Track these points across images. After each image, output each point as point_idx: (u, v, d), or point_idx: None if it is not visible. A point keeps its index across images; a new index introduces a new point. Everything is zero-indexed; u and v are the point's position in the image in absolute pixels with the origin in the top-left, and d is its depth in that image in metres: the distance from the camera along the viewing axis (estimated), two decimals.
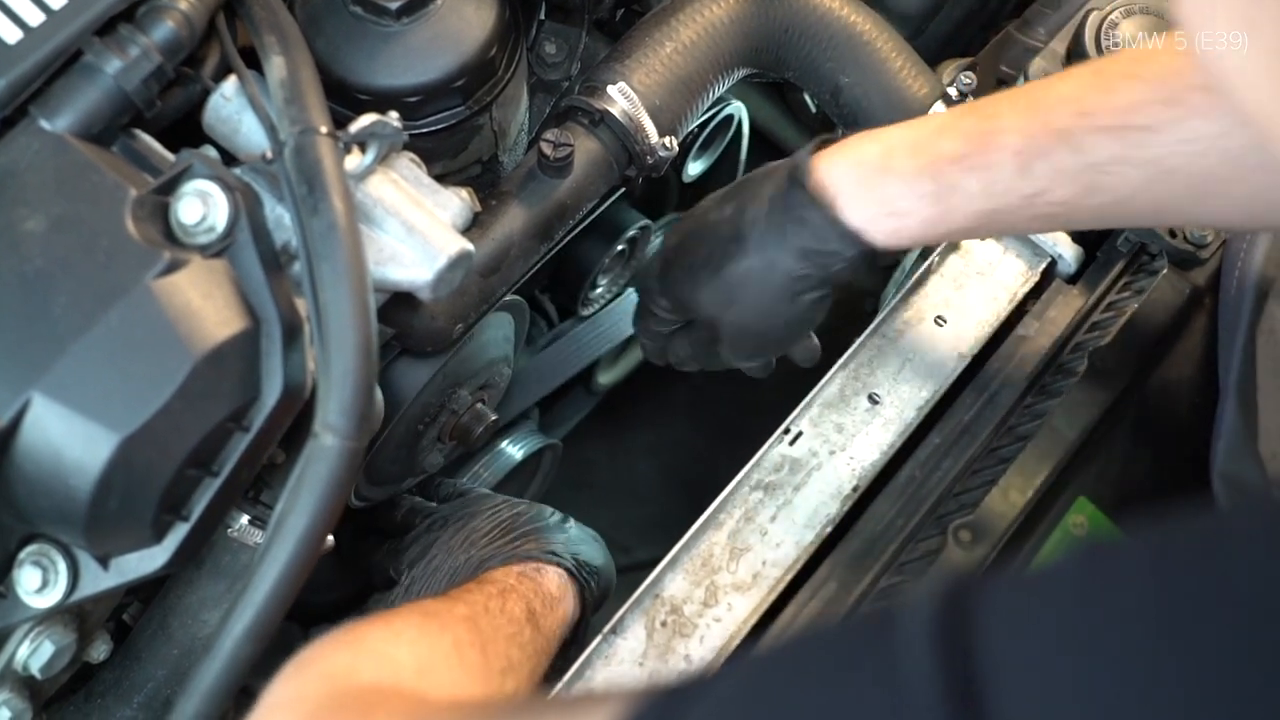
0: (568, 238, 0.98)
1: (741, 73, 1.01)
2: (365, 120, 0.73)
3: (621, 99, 0.92)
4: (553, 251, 0.97)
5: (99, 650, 0.84)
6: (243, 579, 0.87)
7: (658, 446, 1.82)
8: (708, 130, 1.26)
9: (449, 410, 1.02)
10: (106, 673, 0.89)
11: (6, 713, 0.77)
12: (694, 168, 1.30)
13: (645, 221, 1.24)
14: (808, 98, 1.38)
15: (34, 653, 0.76)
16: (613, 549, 1.72)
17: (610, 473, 1.79)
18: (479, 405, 1.05)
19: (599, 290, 1.27)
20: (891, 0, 1.11)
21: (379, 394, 0.87)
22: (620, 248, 1.23)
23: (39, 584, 0.71)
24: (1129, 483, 0.85)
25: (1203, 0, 0.43)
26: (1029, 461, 0.84)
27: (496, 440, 1.24)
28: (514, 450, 1.25)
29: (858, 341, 0.90)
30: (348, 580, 1.34)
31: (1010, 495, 0.83)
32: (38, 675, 0.77)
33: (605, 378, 1.54)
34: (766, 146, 1.49)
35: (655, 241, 1.38)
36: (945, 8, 1.18)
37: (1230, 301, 0.88)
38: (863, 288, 1.63)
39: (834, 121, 1.05)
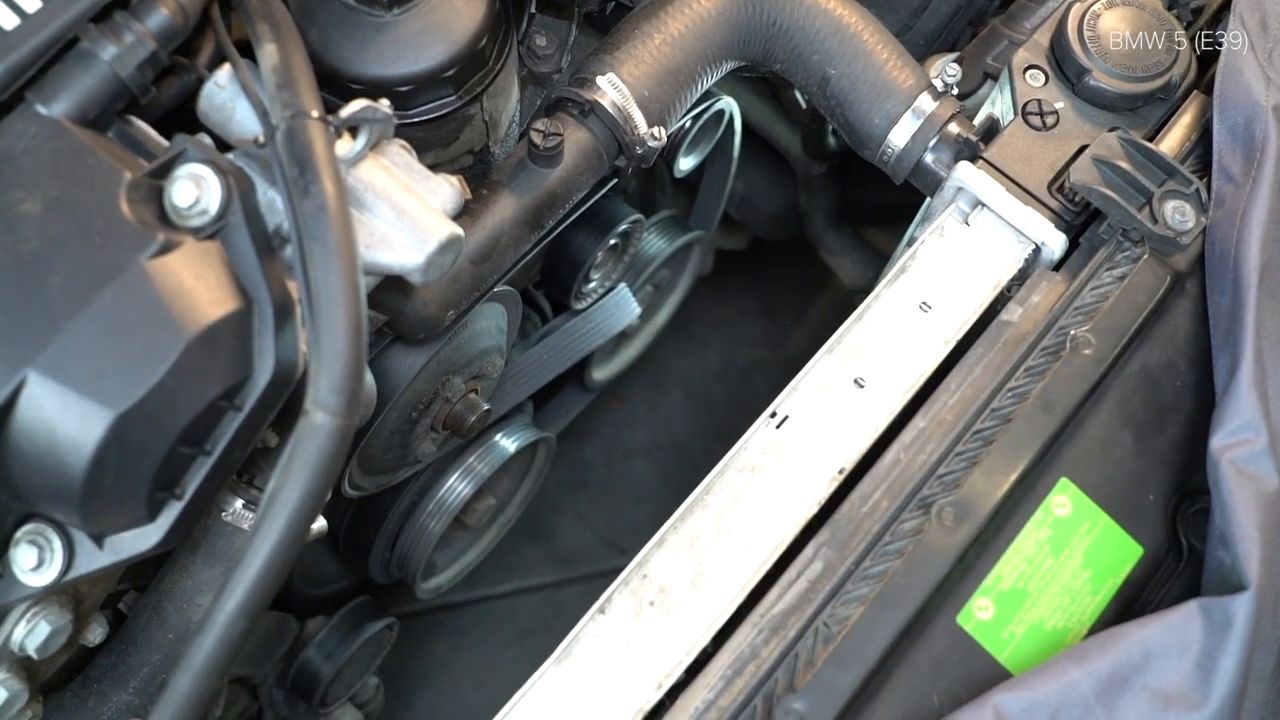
0: (558, 228, 1.00)
1: (730, 65, 1.02)
2: (356, 106, 0.74)
3: (611, 90, 0.93)
4: (544, 241, 0.98)
5: (95, 633, 0.85)
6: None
7: (654, 447, 1.83)
8: (699, 125, 1.27)
9: (442, 399, 1.03)
10: (103, 658, 0.89)
11: (3, 693, 0.78)
12: (685, 163, 1.31)
13: (638, 216, 1.25)
14: (798, 95, 1.40)
15: (30, 633, 0.77)
16: (608, 549, 1.74)
17: (607, 473, 1.81)
18: (472, 395, 1.07)
19: (592, 284, 1.29)
20: None
21: (371, 380, 0.89)
22: (613, 242, 1.24)
23: (35, 562, 0.72)
24: (1111, 464, 0.86)
25: None
26: (1012, 443, 0.85)
27: (490, 433, 1.25)
28: (507, 443, 1.26)
29: (843, 326, 0.91)
30: (345, 574, 1.36)
31: (993, 476, 0.84)
32: (34, 655, 0.78)
33: (600, 374, 1.55)
34: (758, 143, 1.50)
35: (647, 237, 1.39)
36: (933, 3, 1.20)
37: (1224, 287, 0.89)
38: (856, 285, 1.65)
39: (822, 115, 1.07)
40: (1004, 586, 0.82)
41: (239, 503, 0.86)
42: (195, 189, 0.69)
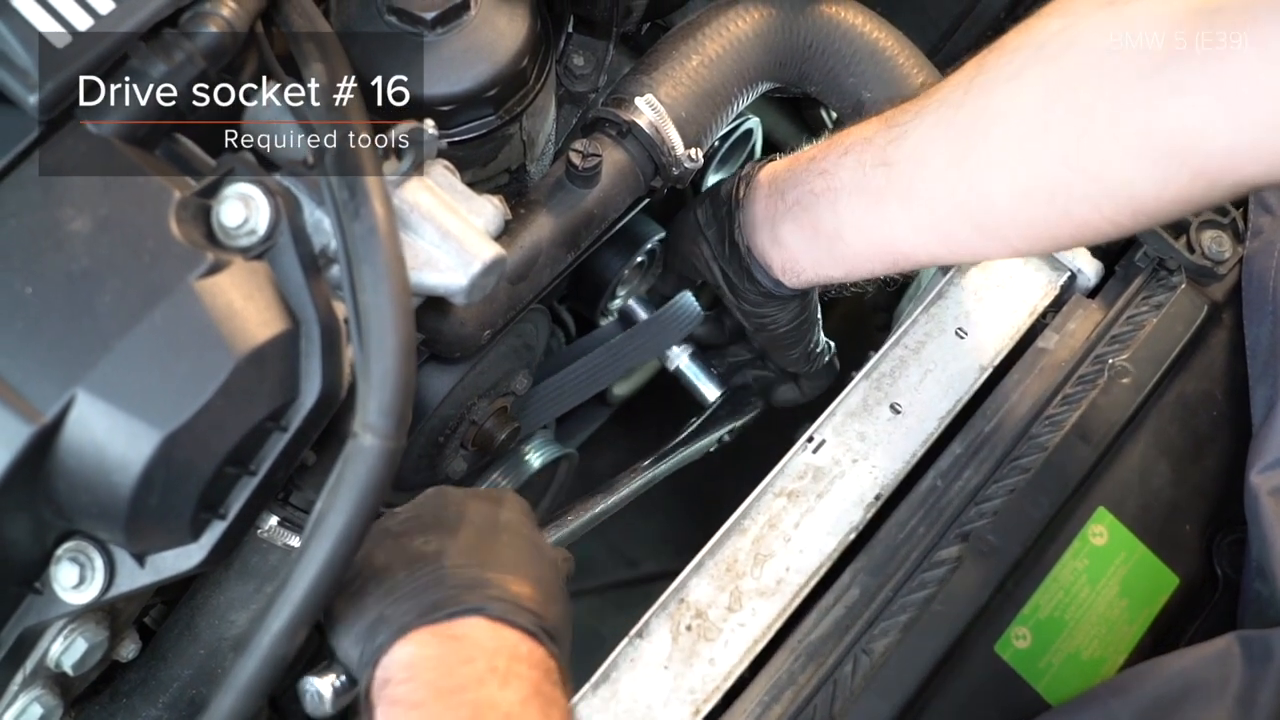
0: (594, 247, 0.99)
1: (765, 87, 1.02)
2: (403, 127, 0.74)
3: (648, 110, 0.93)
4: (579, 261, 0.98)
5: (128, 649, 0.85)
6: (271, 580, 0.88)
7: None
8: (727, 144, 1.27)
9: (472, 417, 1.03)
10: (132, 673, 0.89)
11: (38, 709, 0.78)
12: (713, 181, 1.31)
13: (664, 233, 1.25)
14: (824, 113, 1.40)
15: (67, 650, 0.77)
16: (620, 562, 1.73)
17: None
18: (502, 412, 1.06)
19: (618, 301, 1.28)
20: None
21: None
22: (639, 259, 1.24)
23: (76, 580, 0.71)
24: (1148, 494, 0.86)
25: None
26: (1049, 472, 0.85)
27: (515, 448, 1.25)
28: (532, 458, 1.25)
29: (880, 352, 0.91)
30: None
31: (1031, 505, 0.84)
32: (70, 672, 0.77)
33: (621, 389, 1.55)
34: None
35: None
36: (965, 25, 1.20)
37: (1262, 318, 0.89)
38: (876, 303, 1.65)
39: None
40: (1041, 615, 0.82)
41: (275, 520, 0.86)
42: (244, 209, 0.69)
